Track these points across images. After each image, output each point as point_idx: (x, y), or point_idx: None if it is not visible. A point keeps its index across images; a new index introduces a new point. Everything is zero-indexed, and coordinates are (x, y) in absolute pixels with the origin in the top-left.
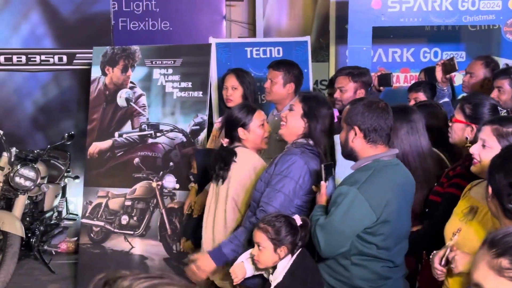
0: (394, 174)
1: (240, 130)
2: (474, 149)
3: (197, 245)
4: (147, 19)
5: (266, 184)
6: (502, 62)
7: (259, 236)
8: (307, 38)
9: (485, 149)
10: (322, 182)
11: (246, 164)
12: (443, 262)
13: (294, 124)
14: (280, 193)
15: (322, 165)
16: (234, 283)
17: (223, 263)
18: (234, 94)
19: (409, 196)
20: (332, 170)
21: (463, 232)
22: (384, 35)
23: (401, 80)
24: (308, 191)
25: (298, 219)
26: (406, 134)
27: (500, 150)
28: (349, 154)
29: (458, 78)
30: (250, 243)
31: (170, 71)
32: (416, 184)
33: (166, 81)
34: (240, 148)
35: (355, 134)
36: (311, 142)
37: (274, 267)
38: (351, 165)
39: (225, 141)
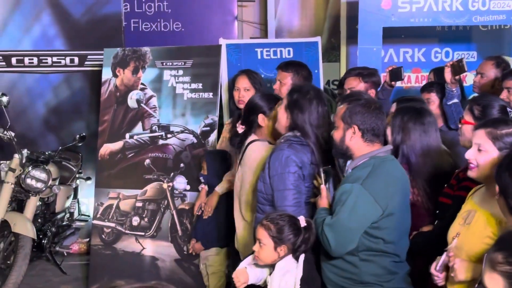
0: (393, 168)
1: (261, 117)
2: (470, 154)
3: (206, 246)
4: (159, 20)
5: (268, 185)
6: None
7: (261, 233)
8: (318, 39)
9: (481, 153)
10: (322, 186)
11: (260, 160)
12: (438, 267)
13: (280, 117)
14: (286, 191)
15: (321, 169)
16: (238, 287)
17: None
18: (247, 95)
19: (406, 190)
20: (331, 174)
21: (461, 236)
22: (395, 35)
23: (413, 80)
24: (308, 179)
25: (302, 221)
26: (419, 137)
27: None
28: (344, 153)
29: (469, 78)
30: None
31: (181, 72)
32: (423, 184)
33: (176, 83)
34: (255, 143)
35: (354, 133)
36: (297, 134)
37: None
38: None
39: (240, 127)
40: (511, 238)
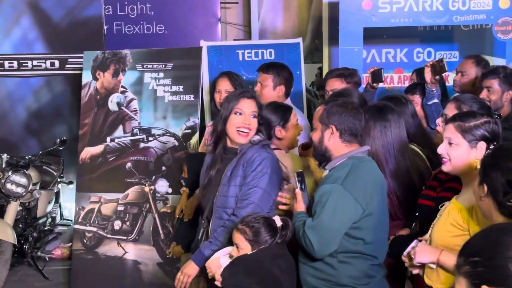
0: (371, 169)
1: (278, 129)
2: (442, 149)
3: (187, 249)
4: (142, 22)
5: (236, 187)
6: (495, 61)
7: (237, 237)
8: (299, 40)
9: (452, 147)
10: (297, 190)
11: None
12: (405, 253)
13: (254, 126)
14: (257, 188)
15: (295, 173)
16: (209, 277)
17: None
18: None
19: (385, 192)
20: (304, 177)
21: (433, 227)
22: (377, 35)
23: (395, 80)
24: (279, 186)
25: (278, 220)
26: (379, 134)
27: (492, 148)
28: (323, 154)
29: (452, 78)
30: (230, 242)
31: (161, 75)
32: (388, 185)
33: (157, 85)
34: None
35: (332, 133)
36: (263, 137)
37: None
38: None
39: None
40: (472, 242)
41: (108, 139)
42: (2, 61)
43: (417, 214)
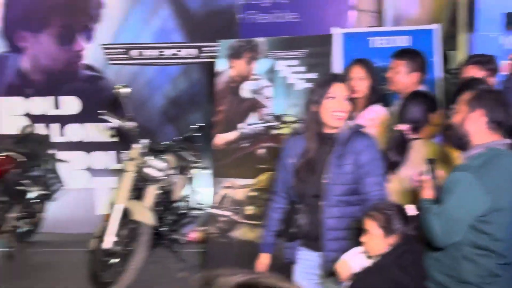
0: (510, 163)
1: (437, 116)
2: None
3: None
4: (274, 11)
5: (348, 175)
6: None
7: (369, 224)
8: (435, 26)
9: None
10: (426, 177)
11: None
12: None
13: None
14: (378, 177)
15: (426, 160)
16: (340, 281)
17: None
18: (361, 84)
19: None
20: (435, 165)
21: None
22: None
23: None
24: None
25: (412, 210)
26: None
27: None
28: (460, 138)
29: None
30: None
31: (295, 62)
32: None
33: (290, 73)
34: (420, 141)
35: (479, 117)
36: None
37: None
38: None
39: (407, 128)
40: None
41: (241, 125)
42: (142, 50)
43: None
